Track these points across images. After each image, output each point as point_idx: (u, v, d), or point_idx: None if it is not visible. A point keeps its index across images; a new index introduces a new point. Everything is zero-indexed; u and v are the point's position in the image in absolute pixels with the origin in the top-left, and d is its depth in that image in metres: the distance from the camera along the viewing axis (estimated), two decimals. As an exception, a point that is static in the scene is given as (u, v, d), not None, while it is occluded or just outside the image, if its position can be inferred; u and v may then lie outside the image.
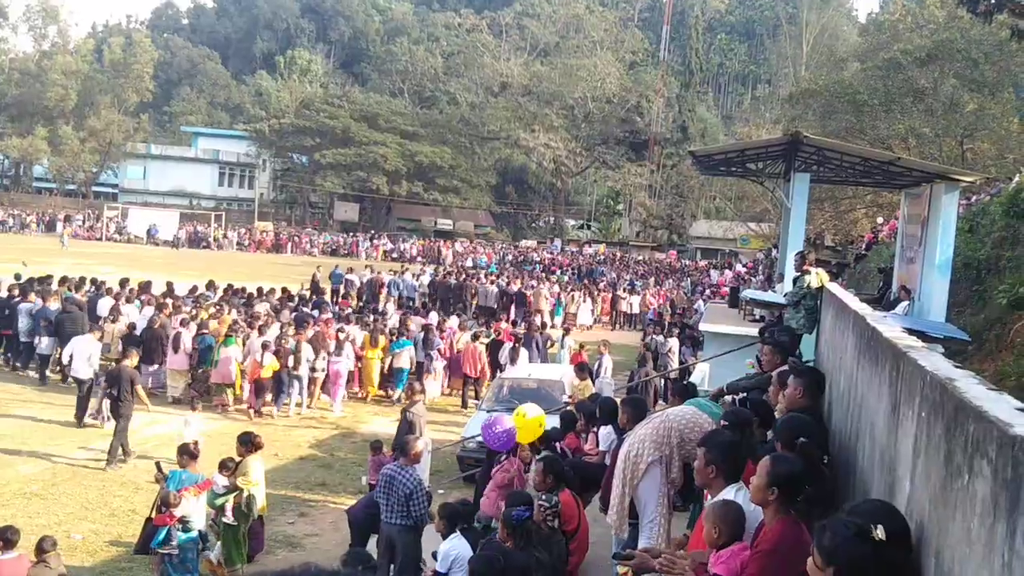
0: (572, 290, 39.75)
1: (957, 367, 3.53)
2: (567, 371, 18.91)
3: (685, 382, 12.03)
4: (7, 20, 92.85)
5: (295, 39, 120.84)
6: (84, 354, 17.85)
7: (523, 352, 22.18)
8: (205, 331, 20.14)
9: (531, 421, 9.24)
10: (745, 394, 8.45)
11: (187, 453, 10.35)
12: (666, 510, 6.74)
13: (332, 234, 76.16)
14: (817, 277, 11.13)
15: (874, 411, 4.97)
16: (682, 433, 6.69)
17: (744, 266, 51.92)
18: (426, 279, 38.66)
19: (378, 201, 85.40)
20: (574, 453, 10.83)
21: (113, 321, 21.28)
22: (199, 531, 10.00)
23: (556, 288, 38.66)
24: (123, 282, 25.42)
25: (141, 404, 16.01)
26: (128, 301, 23.28)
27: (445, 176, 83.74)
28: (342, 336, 21.08)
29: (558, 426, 12.07)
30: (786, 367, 7.72)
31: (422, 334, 22.32)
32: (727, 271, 53.09)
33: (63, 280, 25.08)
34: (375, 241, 70.58)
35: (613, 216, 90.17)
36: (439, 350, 22.18)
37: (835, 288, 10.72)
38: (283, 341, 19.80)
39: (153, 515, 9.94)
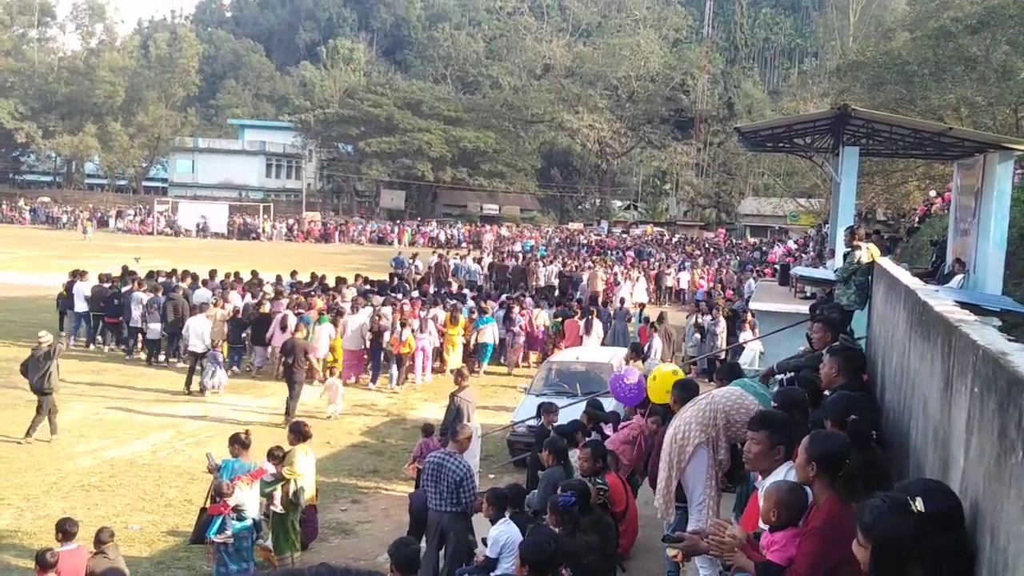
0: (628, 269, 40.75)
1: (1011, 340, 3.44)
2: (616, 353, 18.83)
3: (729, 363, 11.91)
4: (55, 19, 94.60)
5: (337, 28, 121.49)
6: (199, 331, 20.30)
7: (596, 323, 23.97)
8: (303, 311, 22.04)
9: (660, 382, 9.07)
10: (794, 373, 8.35)
11: (239, 442, 10.46)
12: (714, 492, 6.69)
13: (379, 222, 76.57)
14: (867, 252, 10.95)
15: (927, 387, 4.87)
16: (728, 415, 6.62)
17: (795, 243, 51.34)
18: (486, 263, 41.19)
19: (424, 188, 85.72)
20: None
21: (222, 306, 22.83)
22: (253, 520, 10.11)
23: (615, 269, 39.77)
24: (212, 273, 27.34)
25: (312, 372, 18.34)
26: (232, 289, 25.21)
27: (490, 161, 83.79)
28: (425, 315, 22.92)
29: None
30: (836, 344, 7.60)
31: (502, 312, 24.70)
32: (776, 247, 52.53)
33: (149, 274, 27.01)
34: (421, 228, 70.88)
35: (660, 196, 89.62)
36: (521, 326, 24.35)
37: (886, 263, 10.54)
38: (379, 320, 21.70)
39: (208, 505, 10.07)
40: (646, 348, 20.40)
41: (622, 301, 29.37)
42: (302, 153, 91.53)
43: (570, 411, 13.60)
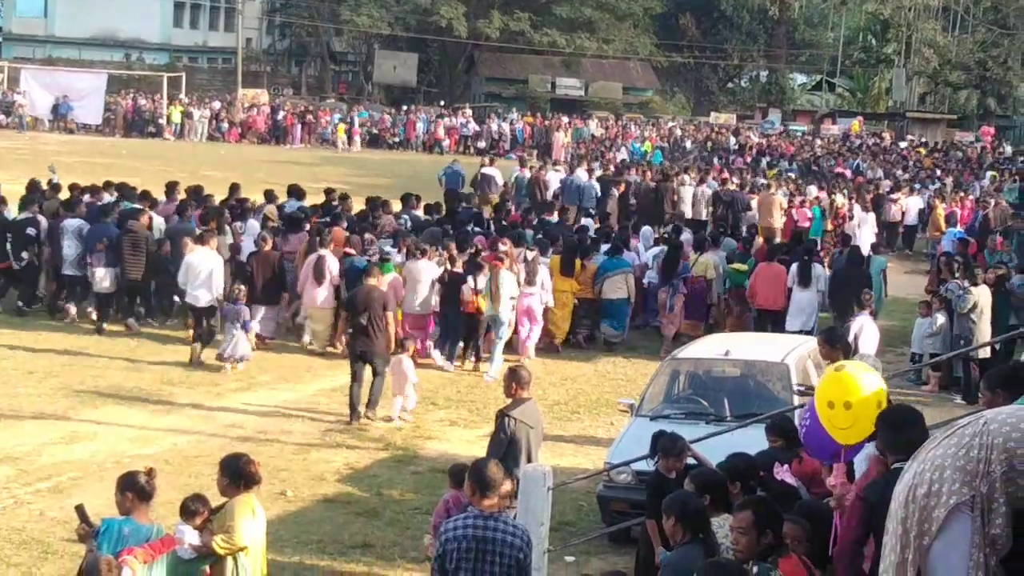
0: (832, 192, 41.52)
1: None
2: (798, 345, 18.62)
3: (1013, 364, 11.79)
4: None
5: None
6: (205, 272, 21.97)
7: (817, 268, 25.17)
8: (351, 251, 24.12)
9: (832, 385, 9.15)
10: None
11: (132, 488, 10.48)
12: (984, 591, 6.64)
13: (372, 108, 76.31)
14: None
15: None
16: (1012, 456, 6.54)
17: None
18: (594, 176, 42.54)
19: (452, 49, 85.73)
20: (809, 491, 10.77)
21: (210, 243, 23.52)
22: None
23: (812, 192, 40.79)
24: (170, 188, 28.51)
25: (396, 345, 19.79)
26: (234, 218, 26.54)
27: (569, 1, 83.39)
28: (532, 258, 24.58)
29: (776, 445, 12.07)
30: None
31: (657, 251, 27.35)
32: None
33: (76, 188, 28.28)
34: (444, 119, 70.82)
35: (876, 66, 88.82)
36: (686, 280, 26.14)
37: None
38: (450, 268, 23.65)
39: (76, 596, 10.20)
40: (852, 335, 20.09)
41: (844, 240, 30.14)
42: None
43: (713, 448, 13.50)
